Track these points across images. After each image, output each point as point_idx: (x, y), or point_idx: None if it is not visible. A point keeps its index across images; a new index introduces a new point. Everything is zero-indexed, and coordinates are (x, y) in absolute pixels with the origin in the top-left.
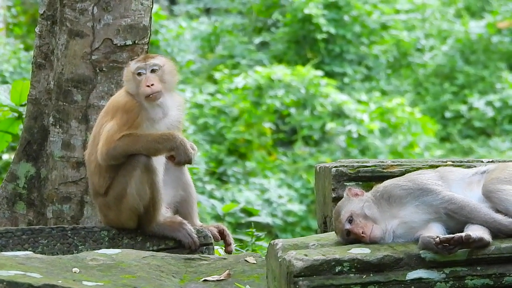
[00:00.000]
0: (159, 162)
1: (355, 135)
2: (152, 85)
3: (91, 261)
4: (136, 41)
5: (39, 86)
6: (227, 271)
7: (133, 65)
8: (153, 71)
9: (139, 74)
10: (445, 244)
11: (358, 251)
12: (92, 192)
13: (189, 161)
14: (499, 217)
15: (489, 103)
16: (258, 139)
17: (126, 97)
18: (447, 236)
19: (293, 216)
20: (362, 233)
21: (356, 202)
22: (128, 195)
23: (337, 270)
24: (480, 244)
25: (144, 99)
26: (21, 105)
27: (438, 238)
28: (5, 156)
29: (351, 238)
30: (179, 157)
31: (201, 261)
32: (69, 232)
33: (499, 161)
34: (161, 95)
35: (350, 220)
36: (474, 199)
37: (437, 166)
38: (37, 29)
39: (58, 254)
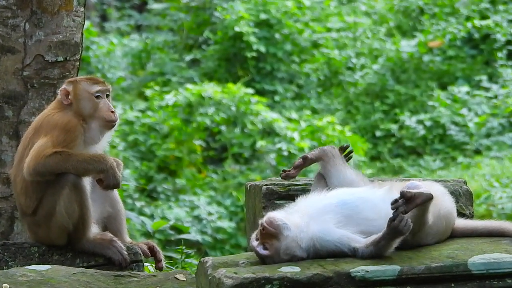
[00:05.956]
0: (87, 179)
1: (285, 153)
2: (114, 112)
3: (21, 277)
4: (68, 58)
5: None
6: None
7: (91, 86)
8: (107, 96)
9: (98, 97)
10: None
11: (288, 270)
12: (19, 212)
13: (117, 185)
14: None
15: (420, 122)
16: (188, 157)
17: (67, 115)
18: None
19: (222, 233)
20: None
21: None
22: (57, 214)
23: None
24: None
25: (104, 123)
26: None
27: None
28: None
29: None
30: (107, 180)
31: (131, 278)
32: None
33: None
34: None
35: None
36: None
37: None
38: None
39: None
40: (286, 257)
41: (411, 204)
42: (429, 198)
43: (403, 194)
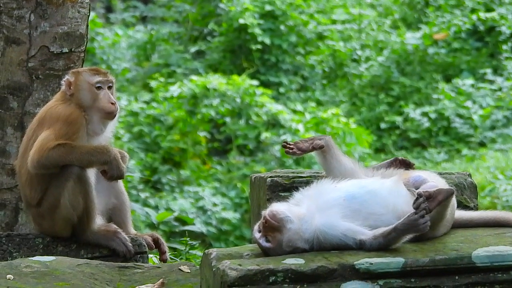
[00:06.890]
0: (92, 170)
1: None
2: (114, 103)
3: (25, 268)
4: (73, 49)
5: None
6: (161, 280)
7: (92, 77)
8: (109, 87)
9: (98, 88)
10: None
11: (292, 262)
12: (24, 203)
13: (121, 176)
14: None
15: (424, 114)
16: (193, 148)
17: (69, 107)
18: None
19: (227, 224)
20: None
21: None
22: (62, 206)
23: (271, 280)
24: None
25: (104, 115)
26: None
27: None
28: None
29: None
30: (111, 172)
31: (135, 269)
32: (4, 239)
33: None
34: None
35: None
36: None
37: None
38: None
39: None
40: (289, 249)
41: (434, 201)
42: (450, 193)
43: (420, 195)
